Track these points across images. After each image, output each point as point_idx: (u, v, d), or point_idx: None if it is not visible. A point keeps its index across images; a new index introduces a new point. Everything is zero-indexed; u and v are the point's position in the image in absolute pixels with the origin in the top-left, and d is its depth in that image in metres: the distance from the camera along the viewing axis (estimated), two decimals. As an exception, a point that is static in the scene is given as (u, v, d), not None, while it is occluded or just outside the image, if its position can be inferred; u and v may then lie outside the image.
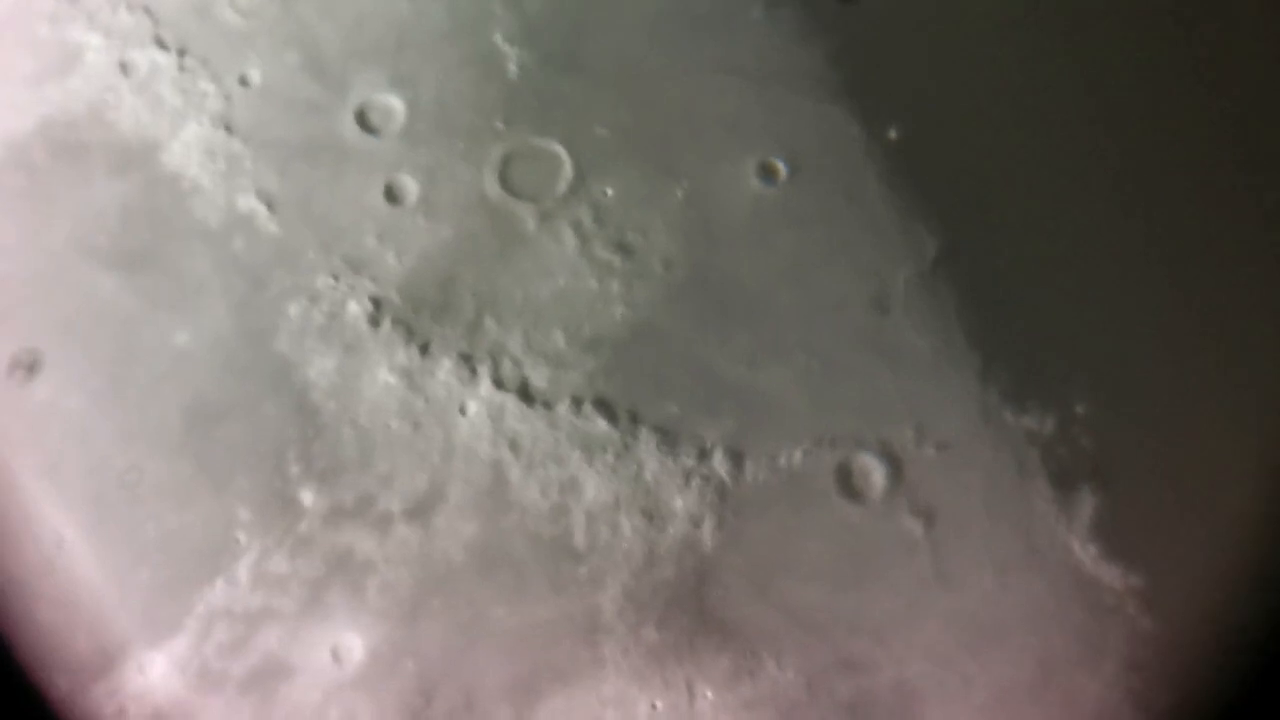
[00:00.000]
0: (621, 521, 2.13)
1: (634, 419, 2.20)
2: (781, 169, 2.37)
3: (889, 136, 2.36)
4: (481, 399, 2.24)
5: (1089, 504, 2.08)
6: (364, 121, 2.50)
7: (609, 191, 2.38)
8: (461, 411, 2.23)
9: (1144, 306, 2.23)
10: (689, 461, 2.16)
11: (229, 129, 2.51)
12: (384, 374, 2.27)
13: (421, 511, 2.16)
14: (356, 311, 2.33)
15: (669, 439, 2.18)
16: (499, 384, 2.24)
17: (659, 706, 2.01)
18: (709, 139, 2.41)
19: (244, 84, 2.55)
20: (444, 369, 2.27)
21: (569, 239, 2.36)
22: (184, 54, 2.58)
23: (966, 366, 2.19)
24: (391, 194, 2.43)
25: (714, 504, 2.13)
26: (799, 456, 2.15)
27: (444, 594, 2.11)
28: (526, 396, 2.23)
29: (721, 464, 2.15)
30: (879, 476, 2.13)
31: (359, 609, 2.10)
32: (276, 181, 2.46)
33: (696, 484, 2.14)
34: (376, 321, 2.32)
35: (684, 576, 2.09)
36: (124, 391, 2.29)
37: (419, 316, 2.32)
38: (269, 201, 2.44)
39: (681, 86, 2.46)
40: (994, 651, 2.02)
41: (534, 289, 2.32)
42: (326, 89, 2.53)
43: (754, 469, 2.15)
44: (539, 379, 2.24)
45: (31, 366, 2.30)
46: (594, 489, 2.16)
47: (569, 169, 2.41)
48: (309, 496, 2.18)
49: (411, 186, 2.43)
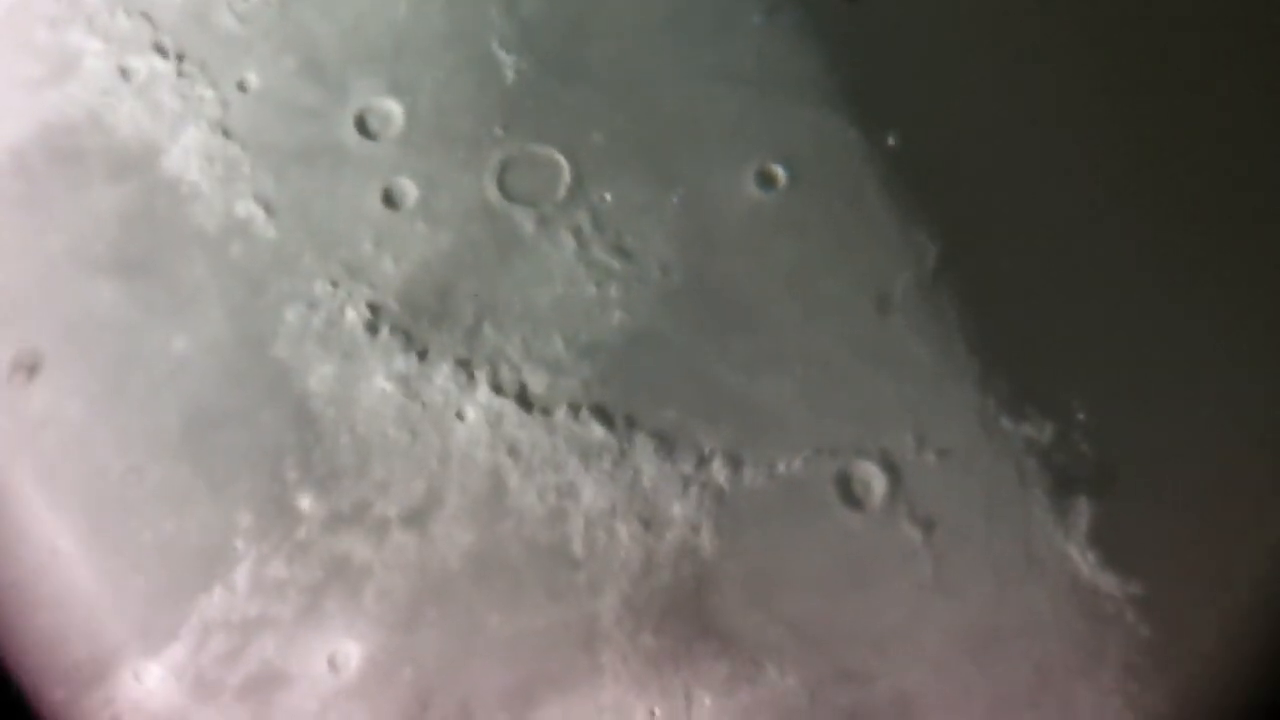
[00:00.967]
0: (619, 528, 2.12)
1: (631, 425, 2.19)
2: (781, 175, 2.37)
3: (888, 143, 2.36)
4: (479, 405, 2.23)
5: (1088, 512, 2.08)
6: (362, 126, 2.49)
7: (608, 197, 2.38)
8: (459, 418, 2.22)
9: (1146, 314, 2.22)
10: (687, 468, 2.15)
11: (227, 134, 2.50)
12: (381, 380, 2.27)
13: (419, 518, 2.16)
14: (354, 318, 2.32)
15: (667, 445, 2.17)
16: (497, 390, 2.24)
17: (657, 714, 2.00)
18: (708, 145, 2.41)
19: (242, 89, 2.54)
20: (442, 375, 2.26)
21: (568, 245, 2.35)
22: (182, 59, 2.58)
23: (966, 374, 2.19)
24: (390, 199, 2.43)
25: (712, 511, 2.12)
26: (798, 464, 2.15)
27: (441, 601, 2.10)
28: (524, 402, 2.22)
29: (720, 471, 2.15)
30: (878, 484, 2.13)
31: (356, 616, 2.09)
32: (275, 186, 2.45)
33: (695, 491, 2.14)
34: (374, 328, 2.31)
35: (682, 583, 2.08)
36: (121, 397, 2.29)
37: (417, 322, 2.31)
38: (267, 206, 2.43)
39: (680, 92, 2.46)
40: (993, 659, 2.01)
41: (532, 295, 2.32)
42: (325, 94, 2.53)
43: (753, 476, 2.14)
44: (537, 385, 2.24)
45: (32, 369, 2.30)
46: (591, 495, 2.15)
47: (568, 175, 2.41)
48: (306, 503, 2.18)
49: (410, 191, 2.43)
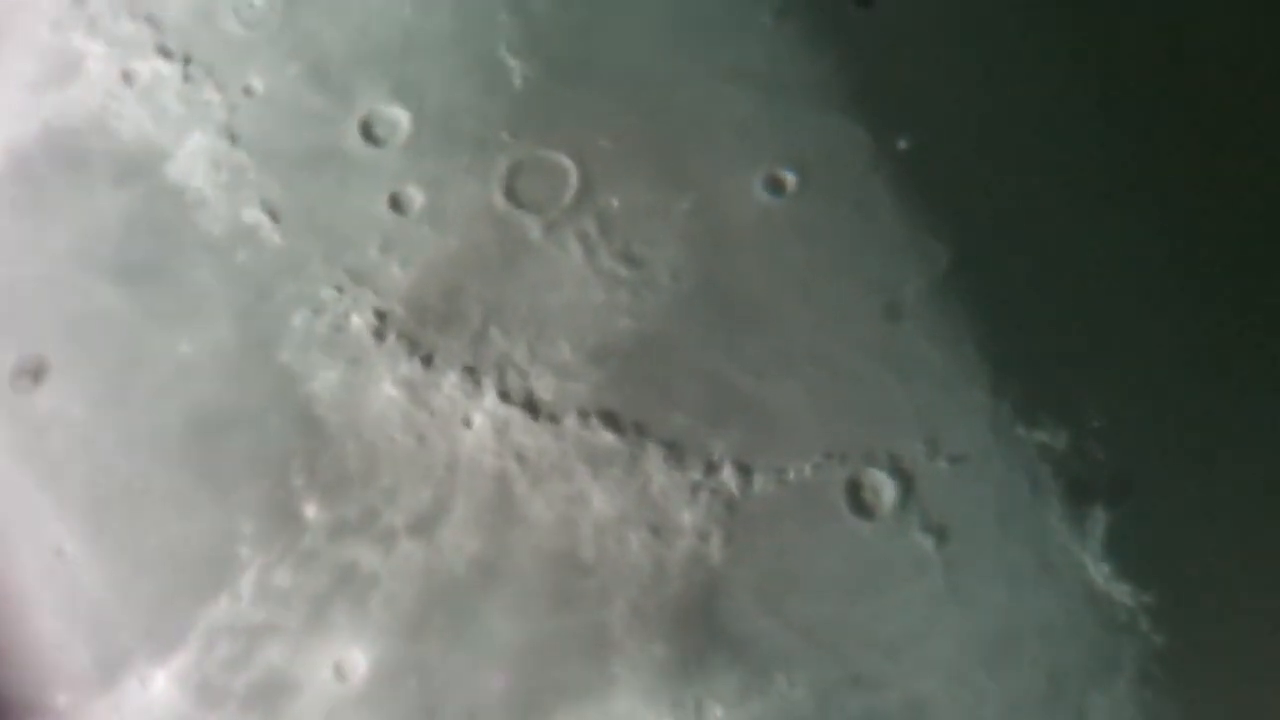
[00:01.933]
0: (629, 536, 2.11)
1: (641, 432, 2.18)
2: (790, 180, 2.35)
3: (899, 147, 2.35)
4: (486, 412, 2.22)
5: (1103, 520, 2.06)
6: (368, 132, 2.48)
7: (616, 202, 2.36)
8: (466, 424, 2.21)
9: (1161, 320, 2.21)
10: (697, 475, 2.14)
11: (233, 139, 2.49)
12: (388, 387, 2.26)
13: (426, 526, 2.15)
14: (360, 323, 2.31)
15: (676, 452, 2.16)
16: (504, 396, 2.23)
17: (667, 723, 1.99)
18: (717, 149, 2.39)
19: (248, 94, 2.53)
20: (449, 381, 2.25)
21: (575, 250, 2.34)
22: (188, 63, 2.57)
23: (978, 379, 2.17)
24: (396, 204, 2.41)
25: (722, 518, 2.11)
26: (808, 470, 2.13)
27: (448, 609, 2.09)
28: (532, 409, 2.21)
29: (730, 478, 2.14)
30: (890, 491, 2.11)
31: (362, 624, 2.09)
32: (280, 192, 2.44)
33: (705, 498, 2.13)
34: (381, 334, 2.30)
35: (693, 592, 2.07)
36: (126, 402, 2.29)
37: (424, 328, 2.30)
38: (273, 212, 2.42)
39: (689, 96, 2.44)
40: (1006, 667, 2.00)
41: (540, 300, 2.31)
42: (331, 99, 2.52)
43: (763, 483, 2.13)
44: (545, 391, 2.23)
45: (36, 373, 2.29)
46: (601, 503, 2.14)
47: (575, 179, 2.39)
48: (312, 510, 2.17)
49: (416, 197, 2.42)
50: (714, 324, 2.26)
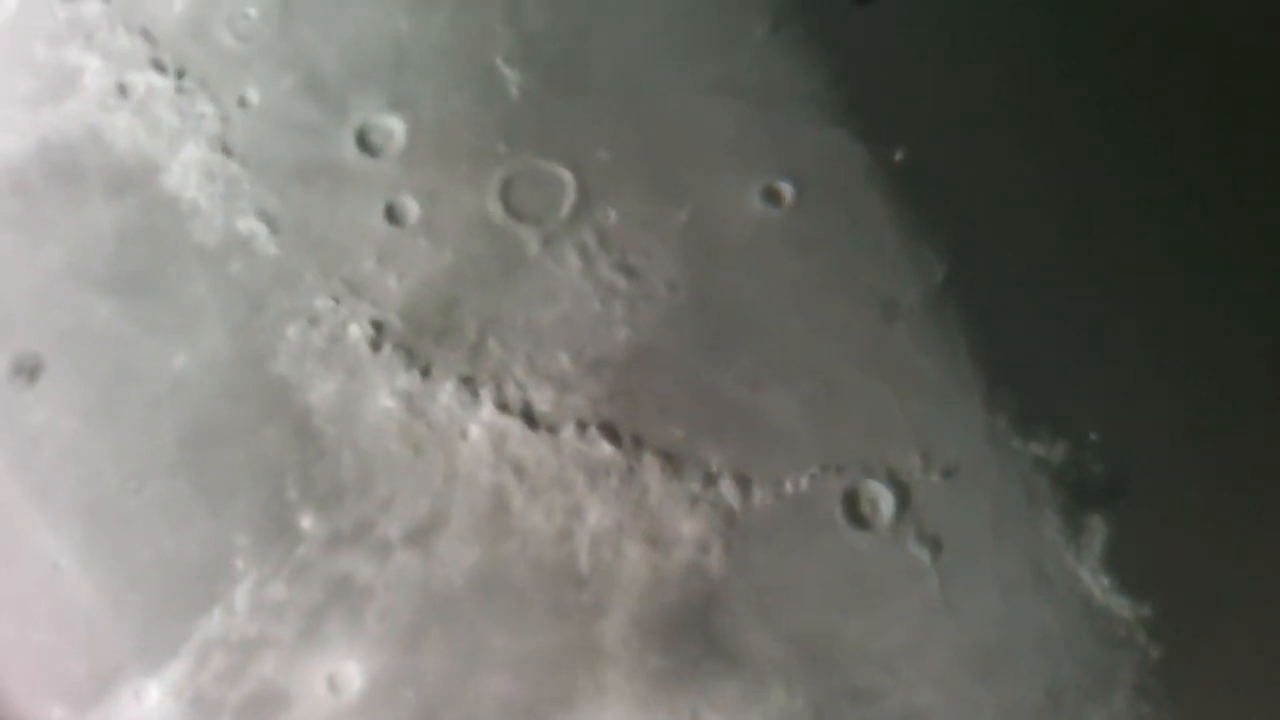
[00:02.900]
0: (626, 547, 2.11)
1: (638, 443, 2.18)
2: (787, 192, 2.35)
3: (895, 159, 2.35)
4: (484, 423, 2.21)
5: (1099, 532, 2.06)
6: (364, 143, 2.47)
7: (612, 214, 2.36)
8: (463, 436, 2.21)
9: (1159, 331, 2.21)
10: (694, 487, 2.14)
11: (227, 151, 2.48)
12: (384, 398, 2.25)
13: (422, 537, 2.14)
14: (357, 334, 2.31)
15: (674, 463, 2.16)
16: (502, 408, 2.22)
17: (664, 734, 1.99)
18: (713, 161, 2.39)
19: (243, 106, 2.52)
20: (446, 392, 2.25)
21: (572, 262, 2.33)
22: (182, 75, 2.56)
23: (974, 391, 2.17)
24: (392, 216, 2.41)
25: (720, 530, 2.11)
26: (805, 482, 2.13)
27: (444, 621, 2.08)
28: (530, 420, 2.21)
29: (728, 489, 2.13)
30: (886, 503, 2.11)
31: (357, 637, 2.08)
32: (276, 203, 2.43)
33: (703, 509, 2.12)
34: (377, 344, 2.30)
35: (690, 603, 2.07)
36: (120, 414, 2.28)
37: (420, 339, 2.30)
38: (268, 223, 2.41)
39: (685, 108, 2.44)
40: (1003, 680, 2.00)
41: (537, 312, 2.30)
42: (325, 110, 2.51)
43: (760, 495, 2.13)
44: (542, 402, 2.22)
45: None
46: (598, 514, 2.13)
47: (572, 191, 2.39)
48: (308, 522, 2.16)
49: (412, 208, 2.41)
50: (711, 336, 2.26)
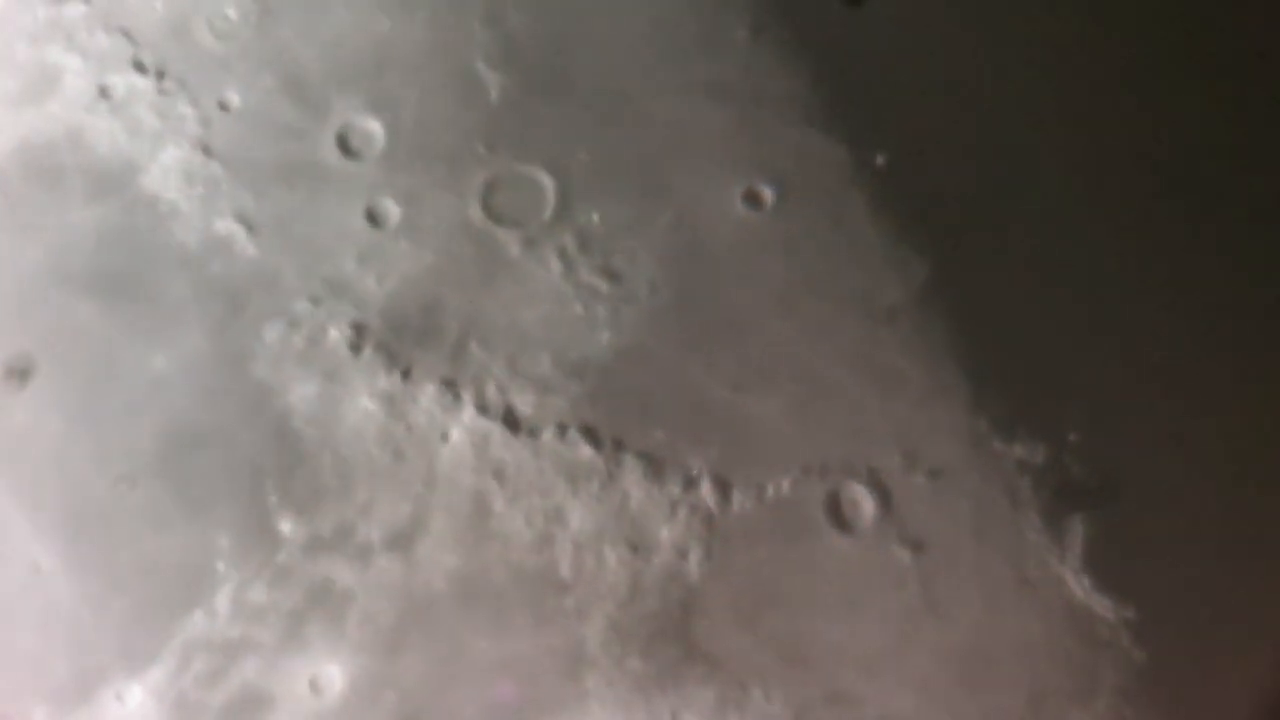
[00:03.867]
0: (606, 552, 2.10)
1: (619, 446, 2.17)
2: (768, 195, 2.35)
3: (877, 162, 2.35)
4: (465, 426, 2.21)
5: (1081, 534, 2.06)
6: (344, 145, 2.47)
7: (594, 217, 2.36)
8: (444, 439, 2.20)
9: (1141, 334, 2.20)
10: (675, 490, 2.13)
11: (208, 152, 2.48)
12: (365, 400, 2.24)
13: (402, 541, 2.14)
14: (337, 336, 2.30)
15: (655, 467, 2.15)
16: (483, 411, 2.22)
17: (643, 739, 1.98)
18: (695, 164, 2.39)
19: (223, 107, 2.52)
20: (426, 395, 2.24)
21: (554, 264, 2.33)
22: (162, 77, 2.56)
23: (956, 394, 2.17)
24: (373, 218, 2.40)
25: (701, 534, 2.10)
26: (786, 485, 2.13)
27: (425, 625, 2.08)
28: (511, 423, 2.20)
29: (709, 493, 2.13)
30: (867, 506, 2.11)
31: (338, 640, 2.08)
32: (255, 205, 2.42)
33: (683, 514, 2.12)
34: (357, 347, 2.29)
35: (670, 608, 2.06)
36: (100, 416, 2.27)
37: (401, 341, 2.29)
38: (248, 225, 2.41)
39: (667, 111, 2.44)
40: (984, 683, 2.00)
41: (518, 315, 2.30)
42: (306, 112, 2.50)
43: (741, 499, 2.12)
44: (524, 405, 2.22)
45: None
46: (579, 519, 2.13)
47: (553, 194, 2.38)
48: (288, 526, 2.16)
49: (393, 210, 2.40)
50: (693, 338, 2.26)
